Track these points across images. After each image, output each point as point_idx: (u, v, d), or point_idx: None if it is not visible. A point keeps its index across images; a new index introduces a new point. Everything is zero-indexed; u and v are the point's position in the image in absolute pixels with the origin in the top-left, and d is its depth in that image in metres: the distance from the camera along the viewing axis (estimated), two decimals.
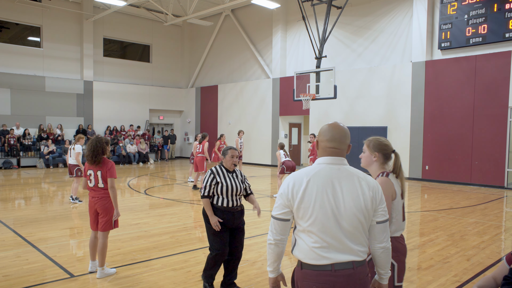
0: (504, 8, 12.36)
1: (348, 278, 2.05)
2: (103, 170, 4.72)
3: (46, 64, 19.39)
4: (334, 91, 13.32)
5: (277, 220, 2.16)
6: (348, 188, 2.11)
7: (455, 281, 4.77)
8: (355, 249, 2.08)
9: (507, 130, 12.51)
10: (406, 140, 14.69)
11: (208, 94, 22.86)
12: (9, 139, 17.49)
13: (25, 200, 10.13)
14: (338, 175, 2.13)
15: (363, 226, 2.12)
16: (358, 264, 2.09)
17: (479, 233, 7.05)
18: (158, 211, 8.78)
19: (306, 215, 2.09)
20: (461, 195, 11.42)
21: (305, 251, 2.11)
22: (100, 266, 4.74)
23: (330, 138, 2.19)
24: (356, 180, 2.14)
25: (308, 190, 2.09)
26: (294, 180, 2.15)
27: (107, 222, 4.75)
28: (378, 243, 2.21)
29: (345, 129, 2.23)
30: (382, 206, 2.18)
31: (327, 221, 2.06)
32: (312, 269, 2.08)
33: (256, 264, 5.30)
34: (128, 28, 22.11)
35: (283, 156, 10.66)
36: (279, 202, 2.17)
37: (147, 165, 19.95)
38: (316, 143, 2.28)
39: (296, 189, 2.11)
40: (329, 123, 2.26)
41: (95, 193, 4.76)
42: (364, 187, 2.14)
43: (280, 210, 2.16)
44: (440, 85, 13.86)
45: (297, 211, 2.11)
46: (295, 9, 17.66)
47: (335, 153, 2.19)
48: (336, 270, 2.04)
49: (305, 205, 2.08)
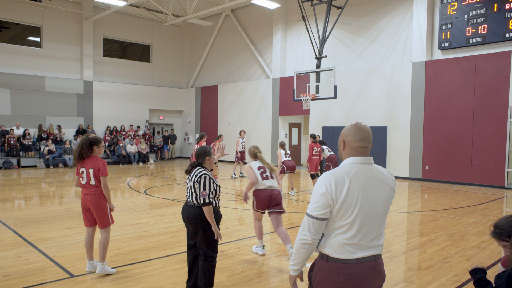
0: (504, 8, 12.36)
1: (371, 269, 2.20)
2: (95, 167, 4.77)
3: (46, 64, 19.39)
4: (334, 91, 13.32)
5: (316, 219, 2.18)
6: (381, 186, 2.26)
7: (455, 281, 4.77)
8: (378, 244, 2.24)
9: (507, 130, 12.51)
10: (406, 140, 14.69)
11: (208, 94, 22.86)
12: (9, 139, 17.49)
13: (25, 200, 10.13)
14: (372, 175, 2.26)
15: (385, 220, 2.31)
16: (378, 257, 2.26)
17: (479, 233, 7.05)
18: (158, 211, 8.78)
19: (347, 214, 2.16)
20: (461, 195, 11.42)
21: (336, 247, 2.19)
22: (101, 262, 4.79)
23: (361, 138, 2.27)
24: (386, 178, 2.31)
25: (351, 190, 2.16)
26: (336, 180, 2.18)
27: (104, 218, 4.83)
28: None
29: (370, 129, 2.36)
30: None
31: (363, 219, 2.18)
32: (339, 262, 2.18)
33: (256, 264, 5.30)
34: (128, 28, 22.11)
35: (284, 156, 10.67)
36: (321, 201, 2.17)
37: (147, 165, 19.95)
38: (342, 143, 2.33)
39: (340, 188, 2.16)
40: (353, 124, 2.33)
41: (87, 190, 4.81)
42: (390, 183, 2.31)
43: (321, 210, 2.17)
44: (440, 85, 13.86)
45: (339, 210, 2.17)
46: (295, 9, 17.66)
47: (366, 153, 2.30)
48: (361, 262, 2.17)
49: (348, 204, 2.15)
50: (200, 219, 4.00)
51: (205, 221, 4.00)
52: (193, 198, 4.04)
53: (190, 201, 4.08)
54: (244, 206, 9.66)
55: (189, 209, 4.06)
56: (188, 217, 4.06)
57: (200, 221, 4.00)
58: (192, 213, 4.02)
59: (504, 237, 2.58)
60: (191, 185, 4.05)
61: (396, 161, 14.92)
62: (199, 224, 4.01)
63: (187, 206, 4.11)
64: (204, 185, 3.97)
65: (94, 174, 4.75)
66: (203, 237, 4.03)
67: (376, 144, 15.19)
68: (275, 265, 5.31)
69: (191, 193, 4.06)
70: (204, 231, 4.01)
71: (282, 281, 4.76)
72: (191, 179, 4.08)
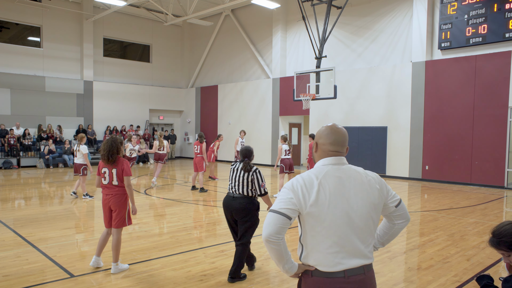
0: (504, 8, 12.36)
1: (360, 284, 2.01)
2: (119, 168, 4.82)
3: (46, 64, 19.39)
4: (334, 91, 13.31)
5: (277, 214, 1.97)
6: (358, 186, 2.07)
7: (455, 281, 4.77)
8: (365, 251, 2.05)
9: (507, 130, 12.51)
10: (406, 140, 14.69)
11: (208, 94, 22.86)
12: (9, 139, 17.50)
13: (25, 200, 10.13)
14: (345, 174, 2.09)
15: (374, 223, 2.10)
16: (368, 269, 2.07)
17: (479, 233, 7.05)
18: (158, 211, 8.78)
19: (321, 217, 1.99)
20: (461, 195, 11.42)
21: (319, 257, 2.02)
22: (114, 262, 4.86)
23: (333, 141, 2.14)
24: (363, 177, 2.12)
25: (321, 192, 2.00)
26: (304, 181, 2.03)
27: (121, 219, 4.87)
28: (402, 221, 2.26)
29: (345, 132, 2.20)
30: (390, 192, 2.21)
31: (341, 223, 2.00)
32: (324, 277, 2.00)
33: (256, 264, 5.30)
34: (128, 28, 22.11)
35: (284, 153, 10.45)
36: (285, 198, 2.01)
37: (147, 165, 19.95)
38: (315, 145, 2.21)
39: (308, 190, 2.00)
40: (328, 125, 2.20)
41: (109, 190, 4.85)
42: (371, 182, 2.12)
43: (284, 206, 1.99)
44: (440, 85, 13.86)
45: (310, 214, 1.99)
46: (295, 9, 17.66)
47: (337, 155, 2.15)
48: (349, 276, 1.99)
49: (319, 207, 1.98)
50: (249, 209, 4.64)
51: (253, 211, 4.66)
52: (244, 190, 4.66)
53: (239, 193, 4.67)
54: None
55: (238, 200, 4.65)
56: (238, 207, 4.62)
57: (249, 211, 4.64)
58: (244, 203, 4.63)
59: (502, 246, 2.43)
60: (244, 179, 4.66)
61: (396, 161, 14.92)
62: (248, 213, 4.63)
63: (234, 198, 4.68)
64: (262, 178, 4.70)
65: (118, 174, 4.80)
66: (249, 225, 4.66)
67: (376, 144, 15.19)
68: (275, 265, 5.31)
69: (242, 186, 4.67)
70: (251, 219, 4.65)
71: (282, 281, 4.76)
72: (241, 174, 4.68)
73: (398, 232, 2.31)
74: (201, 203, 9.79)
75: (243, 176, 4.67)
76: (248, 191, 4.66)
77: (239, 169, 4.74)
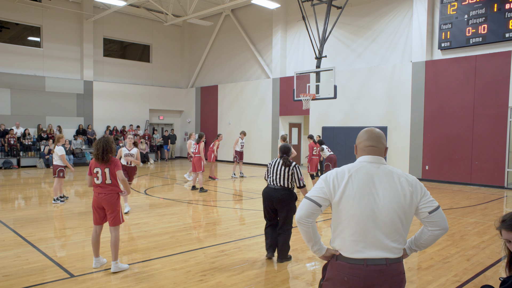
0: (504, 8, 12.36)
1: (380, 274, 2.13)
2: (111, 167, 4.92)
3: (46, 64, 19.39)
4: (334, 91, 13.31)
5: (309, 201, 2.23)
6: (388, 185, 2.20)
7: (455, 281, 4.77)
8: (390, 246, 2.16)
9: (507, 130, 12.51)
10: (406, 140, 14.69)
11: (208, 94, 22.86)
12: (9, 139, 17.49)
13: (25, 200, 10.13)
14: (378, 173, 2.24)
15: (402, 223, 2.19)
16: (392, 261, 2.16)
17: (479, 233, 7.05)
18: (158, 211, 8.78)
19: (346, 208, 2.18)
20: (461, 195, 11.42)
21: (343, 243, 2.21)
22: (114, 260, 4.89)
23: (368, 137, 2.34)
24: (396, 177, 2.24)
25: (350, 184, 2.19)
26: (336, 173, 2.26)
27: (116, 216, 4.95)
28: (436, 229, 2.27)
29: (380, 131, 2.39)
30: (426, 197, 2.25)
31: (365, 216, 2.16)
32: (345, 261, 2.19)
33: (256, 264, 5.30)
34: (128, 28, 22.11)
35: None
36: (318, 187, 2.25)
37: (147, 165, 19.96)
38: (355, 148, 2.43)
39: (339, 181, 2.21)
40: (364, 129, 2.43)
41: (102, 189, 4.91)
42: (404, 184, 2.22)
43: (316, 194, 2.24)
44: (440, 85, 13.86)
45: (338, 203, 2.21)
46: (295, 9, 17.66)
47: (374, 152, 2.31)
48: (368, 265, 2.13)
49: (346, 198, 2.18)
50: (289, 199, 5.29)
51: (292, 201, 5.32)
52: (285, 183, 5.29)
53: (280, 185, 5.29)
54: (245, 206, 9.67)
55: (280, 192, 5.28)
56: (280, 197, 5.24)
57: (288, 201, 5.29)
58: (285, 195, 5.26)
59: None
60: (285, 172, 5.28)
61: (396, 161, 14.92)
62: (288, 203, 5.28)
63: (275, 189, 5.30)
64: (300, 173, 5.34)
65: (111, 172, 4.90)
66: (289, 214, 5.29)
67: None
68: (275, 265, 5.31)
69: (282, 179, 5.29)
70: (290, 209, 5.30)
71: (282, 281, 4.76)
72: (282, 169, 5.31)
73: (432, 239, 2.33)
74: (201, 203, 9.79)
75: (284, 170, 5.30)
76: (288, 183, 5.30)
77: (280, 164, 5.36)
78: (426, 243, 2.36)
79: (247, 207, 9.51)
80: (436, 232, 2.28)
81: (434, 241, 2.35)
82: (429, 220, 2.25)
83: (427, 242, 2.35)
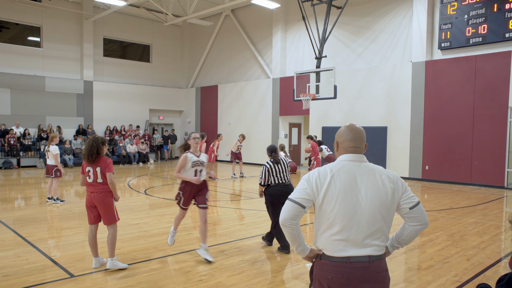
0: (504, 8, 12.36)
1: (364, 271, 2.15)
2: (102, 166, 4.95)
3: (46, 64, 19.39)
4: (334, 91, 13.31)
5: (293, 203, 2.22)
6: (370, 183, 2.21)
7: (455, 281, 4.77)
8: (373, 244, 2.18)
9: (507, 130, 12.51)
10: (406, 140, 14.69)
11: (208, 94, 22.86)
12: (9, 139, 17.49)
13: (25, 200, 10.13)
14: (360, 171, 2.24)
15: (384, 220, 2.21)
16: (375, 258, 2.18)
17: (479, 233, 7.05)
18: (158, 211, 8.78)
19: (329, 208, 2.18)
20: (461, 195, 11.42)
21: (326, 242, 2.22)
22: (110, 257, 4.92)
23: (352, 138, 2.32)
24: (378, 175, 2.25)
25: (332, 184, 2.19)
26: (319, 173, 2.25)
27: (111, 215, 4.99)
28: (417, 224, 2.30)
29: (362, 129, 2.37)
30: (407, 194, 2.27)
31: (348, 215, 2.16)
32: (329, 260, 2.20)
33: (256, 264, 5.30)
34: (128, 28, 22.11)
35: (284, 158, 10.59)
36: (301, 188, 2.25)
37: (147, 165, 19.95)
38: (336, 144, 2.40)
39: (322, 181, 2.21)
40: (346, 125, 2.39)
41: (94, 188, 4.95)
42: (385, 181, 2.23)
43: (300, 195, 2.23)
44: (440, 85, 13.86)
45: (321, 203, 2.21)
46: (295, 9, 17.66)
47: (357, 152, 2.32)
48: (351, 262, 2.15)
49: (329, 198, 2.18)
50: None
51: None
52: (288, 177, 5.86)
53: (288, 180, 5.87)
54: (245, 206, 9.67)
55: (290, 186, 5.84)
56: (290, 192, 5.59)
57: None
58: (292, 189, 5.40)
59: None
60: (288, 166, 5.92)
61: (396, 161, 14.92)
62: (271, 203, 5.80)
63: (286, 185, 5.80)
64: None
65: (102, 172, 4.93)
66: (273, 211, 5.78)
67: (376, 144, 15.18)
68: (275, 265, 5.31)
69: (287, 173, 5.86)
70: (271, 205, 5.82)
71: (282, 281, 4.76)
72: (284, 165, 5.86)
73: (413, 235, 2.36)
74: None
75: (287, 164, 5.88)
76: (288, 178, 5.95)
77: (283, 161, 5.89)
78: (408, 239, 2.38)
79: (247, 207, 9.51)
80: (417, 227, 2.30)
81: (415, 237, 2.37)
82: (410, 216, 2.27)
83: (409, 238, 2.37)
